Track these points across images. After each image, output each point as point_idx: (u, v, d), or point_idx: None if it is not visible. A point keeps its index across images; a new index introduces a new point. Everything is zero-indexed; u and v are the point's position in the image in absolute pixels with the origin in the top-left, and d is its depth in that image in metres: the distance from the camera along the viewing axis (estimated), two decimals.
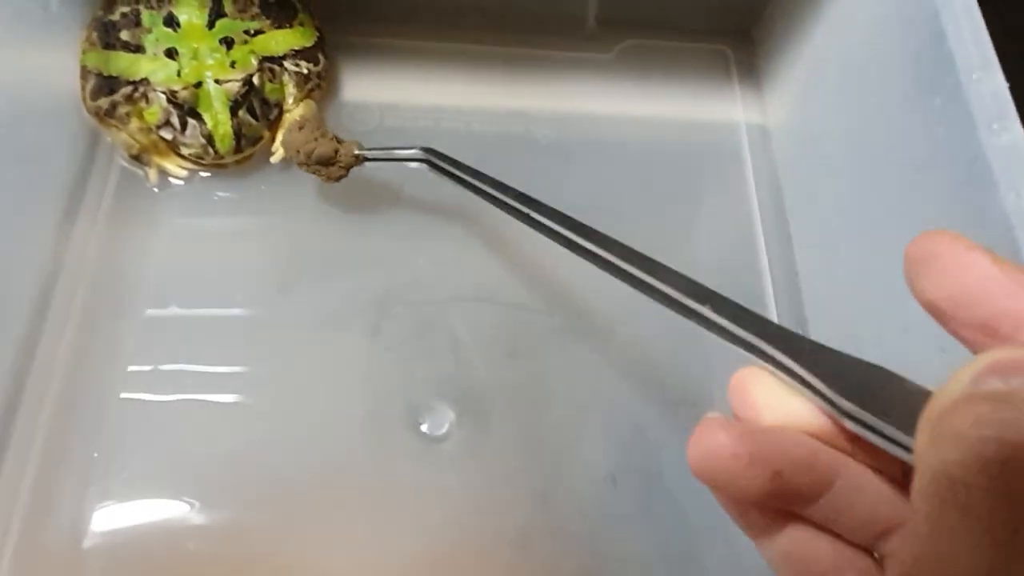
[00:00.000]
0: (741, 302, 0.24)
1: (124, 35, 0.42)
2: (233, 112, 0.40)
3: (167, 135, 0.41)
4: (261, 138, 0.42)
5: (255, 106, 0.41)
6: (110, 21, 0.42)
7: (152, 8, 0.43)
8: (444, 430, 0.40)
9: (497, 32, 0.51)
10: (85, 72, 0.42)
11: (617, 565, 0.38)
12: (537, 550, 0.38)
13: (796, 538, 0.20)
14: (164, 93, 0.40)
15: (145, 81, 0.41)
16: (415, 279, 0.44)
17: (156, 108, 0.41)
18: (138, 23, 0.42)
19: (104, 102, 0.41)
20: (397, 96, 0.49)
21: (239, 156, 0.42)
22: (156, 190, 0.44)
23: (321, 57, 0.45)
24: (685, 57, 0.53)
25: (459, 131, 0.48)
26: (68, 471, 0.37)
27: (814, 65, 0.46)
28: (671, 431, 0.41)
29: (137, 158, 0.43)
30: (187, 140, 0.41)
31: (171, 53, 0.41)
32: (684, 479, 0.40)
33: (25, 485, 0.37)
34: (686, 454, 0.20)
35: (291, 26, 0.44)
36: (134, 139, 0.43)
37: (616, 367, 0.42)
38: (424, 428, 0.40)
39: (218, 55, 0.41)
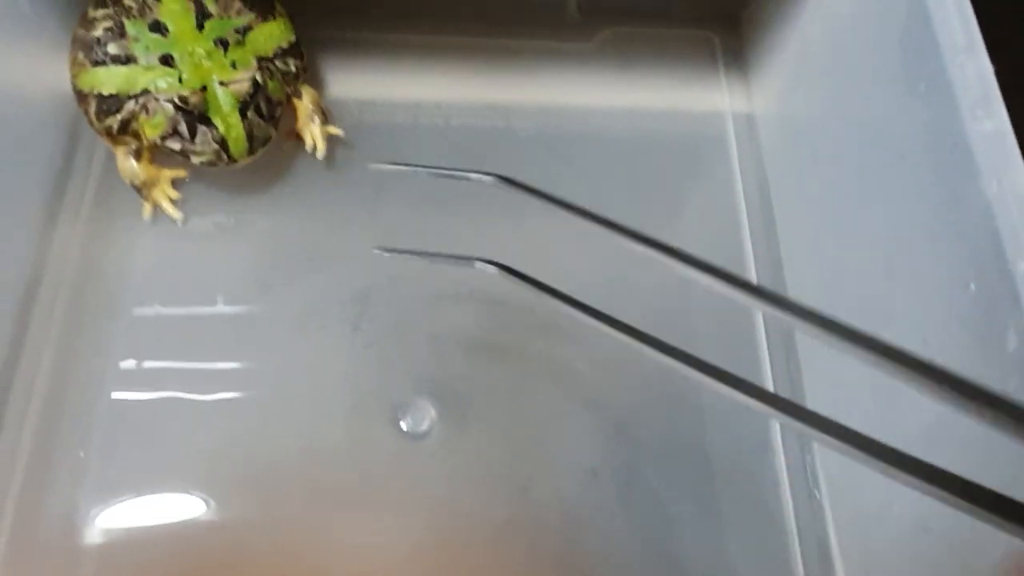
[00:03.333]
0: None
1: (111, 48, 0.41)
2: (243, 114, 0.39)
3: (174, 145, 0.40)
4: (270, 138, 0.41)
5: (262, 106, 0.40)
6: (93, 38, 0.41)
7: (134, 17, 0.41)
8: (425, 427, 0.40)
9: (475, 23, 0.50)
10: (83, 96, 0.41)
11: (598, 558, 0.38)
12: (518, 543, 0.38)
13: None
14: (170, 102, 0.39)
15: (145, 92, 0.40)
16: (395, 276, 0.43)
17: (160, 119, 0.39)
18: (123, 34, 0.41)
19: (113, 121, 0.41)
20: (375, 92, 0.48)
21: (249, 160, 0.41)
22: (150, 221, 0.43)
23: (303, 52, 0.45)
24: (670, 44, 0.52)
25: (437, 126, 0.48)
26: (59, 469, 0.37)
27: (801, 51, 0.45)
28: (652, 426, 0.41)
29: (138, 190, 0.43)
30: (198, 148, 0.40)
31: (167, 60, 0.40)
32: (664, 473, 0.40)
33: (15, 483, 0.37)
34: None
35: (274, 18, 0.43)
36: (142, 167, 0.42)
37: (597, 364, 0.42)
38: (405, 425, 0.40)
39: (216, 57, 0.40)
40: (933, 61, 0.32)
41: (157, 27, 0.41)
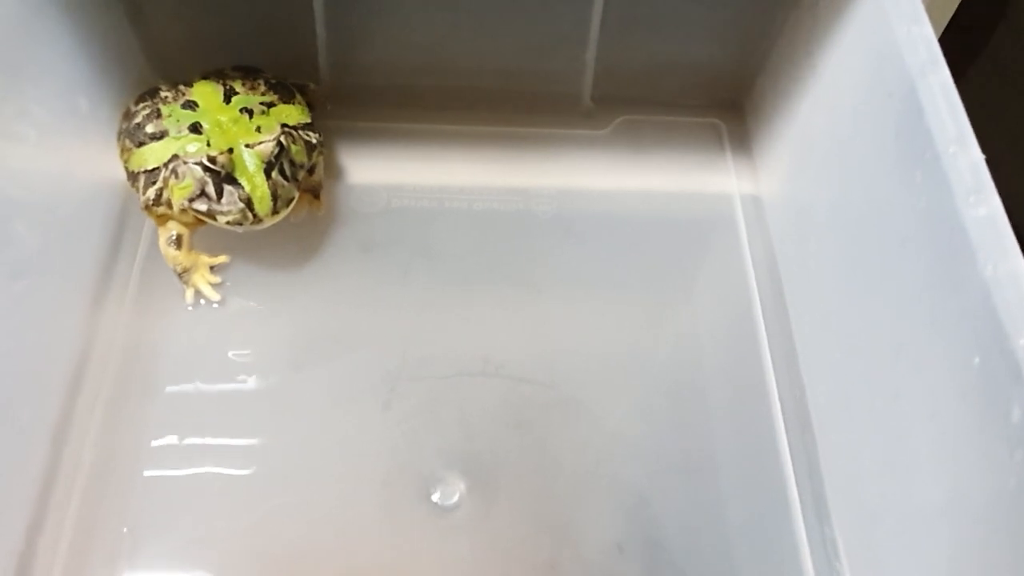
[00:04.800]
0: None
1: (149, 128, 0.44)
2: (267, 174, 0.42)
3: (202, 207, 0.42)
4: (293, 199, 0.43)
5: (286, 167, 0.43)
6: (135, 124, 0.45)
7: (169, 102, 0.45)
8: (455, 500, 0.41)
9: (496, 112, 0.54)
10: (134, 177, 0.45)
11: None
12: None
13: None
14: (198, 164, 0.41)
15: (175, 158, 0.43)
16: (424, 355, 0.45)
17: (188, 181, 0.42)
18: (159, 115, 0.45)
19: (152, 192, 0.44)
20: (401, 177, 0.51)
21: (275, 218, 0.43)
22: (190, 307, 0.46)
23: (319, 131, 0.48)
24: (679, 130, 0.55)
25: (462, 210, 0.50)
26: (99, 547, 0.39)
27: (804, 137, 0.48)
28: (675, 499, 0.42)
29: (179, 276, 0.46)
30: (224, 208, 0.42)
31: (196, 128, 0.43)
32: (688, 547, 0.41)
33: (58, 562, 0.38)
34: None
35: (294, 103, 0.47)
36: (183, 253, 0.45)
37: (619, 437, 0.43)
38: (435, 498, 0.41)
39: (242, 123, 0.43)
40: (928, 152, 0.34)
41: (188, 105, 0.45)
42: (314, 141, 0.47)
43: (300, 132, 0.46)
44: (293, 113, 0.47)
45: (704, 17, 0.50)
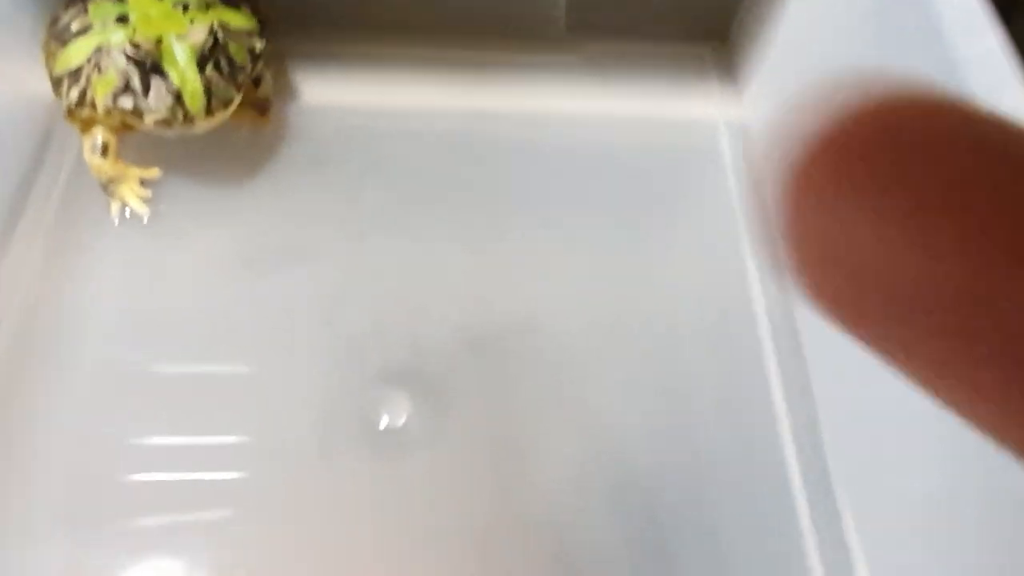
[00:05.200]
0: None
1: (74, 27, 0.41)
2: (201, 68, 0.38)
3: (127, 103, 0.38)
4: (231, 100, 0.39)
5: (223, 64, 0.39)
6: (61, 26, 0.41)
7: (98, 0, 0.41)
8: (402, 421, 0.36)
9: (462, 36, 0.50)
10: (58, 83, 0.41)
11: (588, 563, 0.34)
12: (502, 546, 0.34)
13: None
14: (121, 53, 0.37)
15: (98, 51, 0.39)
16: (373, 272, 0.41)
17: (111, 75, 0.38)
18: (85, 12, 0.41)
19: (75, 92, 0.40)
20: (357, 99, 0.48)
21: (210, 119, 0.39)
22: (116, 222, 0.42)
23: (266, 39, 0.44)
24: (660, 60, 0.51)
25: (422, 130, 0.46)
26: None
27: (792, 61, 0.44)
28: (644, 428, 0.37)
29: (104, 188, 0.41)
30: (151, 104, 0.38)
31: (122, 19, 0.39)
32: (657, 474, 0.36)
33: None
34: None
35: (240, 10, 0.43)
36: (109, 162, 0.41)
37: (584, 363, 0.39)
38: (383, 423, 0.36)
39: (175, 16, 0.39)
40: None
41: (118, 3, 0.40)
42: (258, 49, 0.43)
43: (243, 36, 0.42)
44: (236, 18, 0.43)
45: None
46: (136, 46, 0.37)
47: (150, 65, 0.37)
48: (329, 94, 0.47)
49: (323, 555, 0.33)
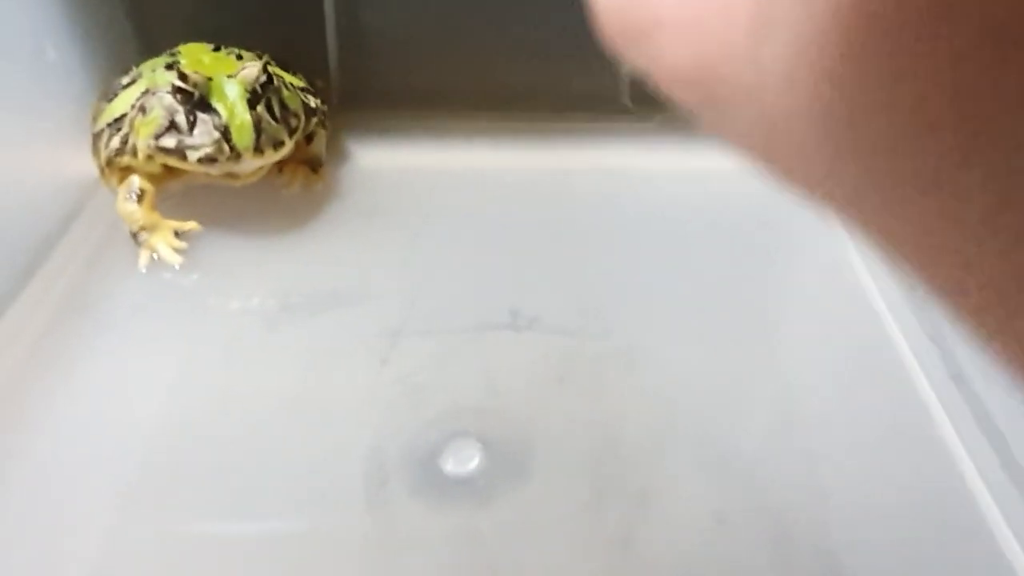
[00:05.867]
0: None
1: (124, 80, 0.40)
2: (251, 105, 0.35)
3: (170, 143, 0.35)
4: (282, 143, 0.36)
5: (274, 105, 0.36)
6: (112, 86, 0.40)
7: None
8: (472, 466, 0.28)
9: (531, 111, 0.47)
10: (98, 136, 0.39)
11: None
12: None
13: None
14: (169, 92, 0.35)
15: (145, 93, 0.36)
16: (434, 308, 0.35)
17: (156, 113, 0.35)
18: (136, 68, 0.40)
19: (116, 140, 0.37)
20: (418, 162, 0.44)
21: (257, 161, 0.35)
22: (144, 271, 0.37)
23: (324, 102, 0.42)
24: None
25: (488, 181, 0.43)
26: None
27: None
28: (779, 458, 0.29)
29: (135, 236, 0.37)
30: (196, 141, 0.34)
31: (171, 67, 0.37)
32: (810, 511, 0.27)
33: None
34: None
35: (295, 74, 0.42)
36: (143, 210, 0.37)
37: (694, 390, 0.31)
38: (447, 467, 0.28)
39: (227, 61, 0.37)
40: None
41: (171, 55, 0.39)
42: (313, 104, 0.41)
43: (297, 90, 0.40)
44: (291, 78, 0.41)
45: None
46: (185, 77, 0.35)
47: (197, 99, 0.35)
48: (387, 158, 0.44)
49: None
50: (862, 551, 0.26)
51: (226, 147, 0.34)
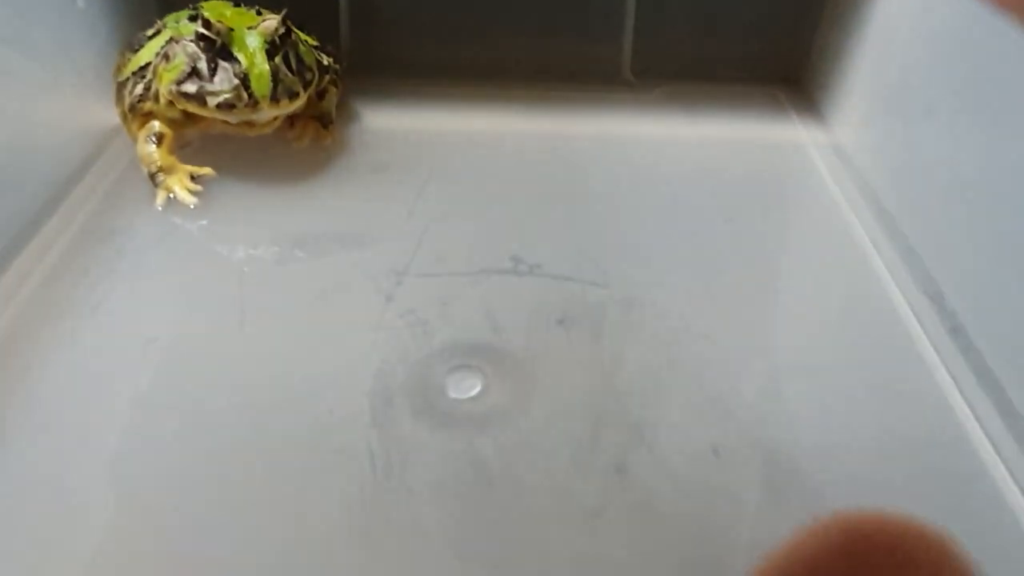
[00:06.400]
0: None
1: (148, 32, 0.41)
2: (269, 55, 0.36)
3: (191, 88, 0.36)
4: (297, 95, 0.37)
5: (291, 58, 0.37)
6: (136, 38, 0.42)
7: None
8: (476, 391, 0.29)
9: (536, 81, 0.49)
10: (122, 85, 0.40)
11: (725, 551, 0.25)
12: (617, 533, 0.25)
13: None
14: (192, 40, 0.36)
15: (169, 41, 0.38)
16: (438, 252, 0.36)
17: (179, 60, 0.36)
18: (160, 20, 0.41)
19: (139, 87, 0.39)
20: (423, 123, 0.46)
21: (274, 108, 0.36)
22: (160, 208, 0.38)
23: (337, 59, 0.43)
24: (735, 98, 0.49)
25: (490, 144, 0.44)
26: None
27: (869, 87, 0.42)
28: (781, 398, 0.30)
29: (152, 177, 0.39)
30: (216, 87, 0.36)
31: (194, 18, 0.38)
32: (812, 448, 0.28)
33: None
34: None
35: (310, 34, 0.43)
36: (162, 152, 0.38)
37: (698, 335, 0.32)
38: (451, 392, 0.29)
39: (247, 15, 0.39)
40: None
41: (193, 8, 0.40)
42: (325, 62, 0.42)
43: (312, 48, 0.41)
44: (307, 37, 0.42)
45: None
46: (209, 25, 0.36)
47: (219, 47, 0.36)
48: (394, 120, 0.46)
49: (384, 545, 0.25)
50: (858, 491, 0.27)
51: (244, 94, 0.36)
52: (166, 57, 0.38)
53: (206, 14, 0.37)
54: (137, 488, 0.26)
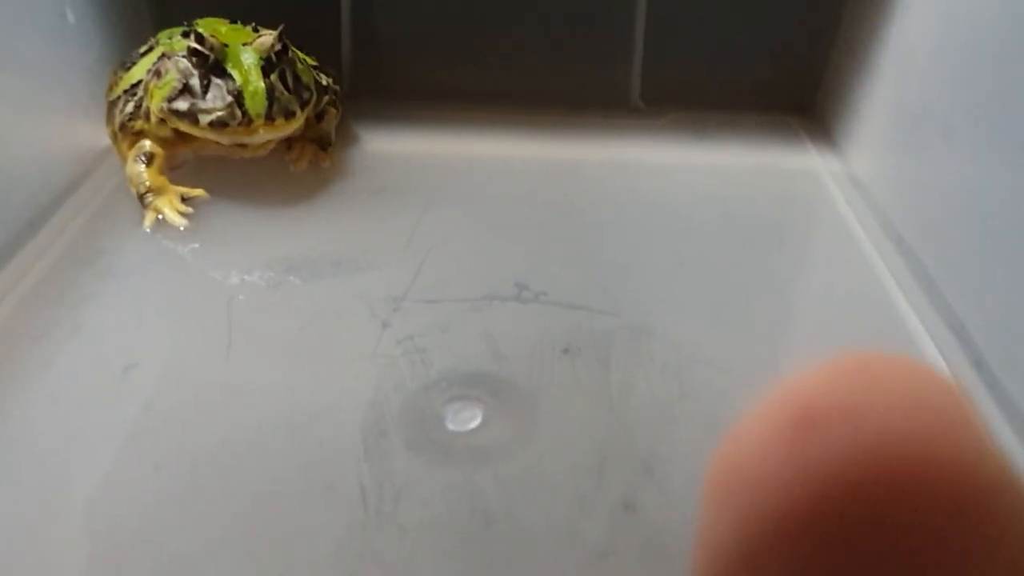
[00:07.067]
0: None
1: (141, 49, 0.40)
2: (265, 73, 0.35)
3: (183, 105, 0.35)
4: (294, 114, 0.36)
5: (287, 76, 0.36)
6: (129, 57, 0.41)
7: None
8: (475, 423, 0.28)
9: (542, 107, 0.48)
10: (113, 104, 0.39)
11: None
12: (622, 574, 0.23)
13: None
14: (184, 56, 0.35)
15: (161, 57, 0.37)
16: (439, 279, 0.34)
17: (171, 76, 0.35)
18: (154, 37, 0.40)
19: (129, 106, 0.37)
20: (428, 148, 0.44)
21: (268, 129, 0.35)
22: (148, 231, 0.37)
23: (338, 81, 0.42)
24: (747, 126, 0.48)
25: (495, 168, 0.43)
26: None
27: (884, 114, 0.41)
28: None
29: (141, 198, 0.37)
30: (209, 105, 0.34)
31: (187, 35, 0.37)
32: None
33: None
34: None
35: (309, 55, 0.42)
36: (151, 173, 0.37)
37: (710, 365, 0.31)
38: (449, 425, 0.28)
39: (243, 32, 0.38)
40: None
41: (187, 25, 0.39)
42: (325, 82, 0.41)
43: (310, 67, 0.40)
44: (305, 57, 0.41)
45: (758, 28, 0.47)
46: (202, 40, 0.35)
47: (212, 63, 0.35)
48: (396, 144, 0.45)
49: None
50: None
51: (238, 112, 0.34)
52: (157, 74, 0.36)
53: (200, 29, 0.36)
54: (114, 526, 0.24)
